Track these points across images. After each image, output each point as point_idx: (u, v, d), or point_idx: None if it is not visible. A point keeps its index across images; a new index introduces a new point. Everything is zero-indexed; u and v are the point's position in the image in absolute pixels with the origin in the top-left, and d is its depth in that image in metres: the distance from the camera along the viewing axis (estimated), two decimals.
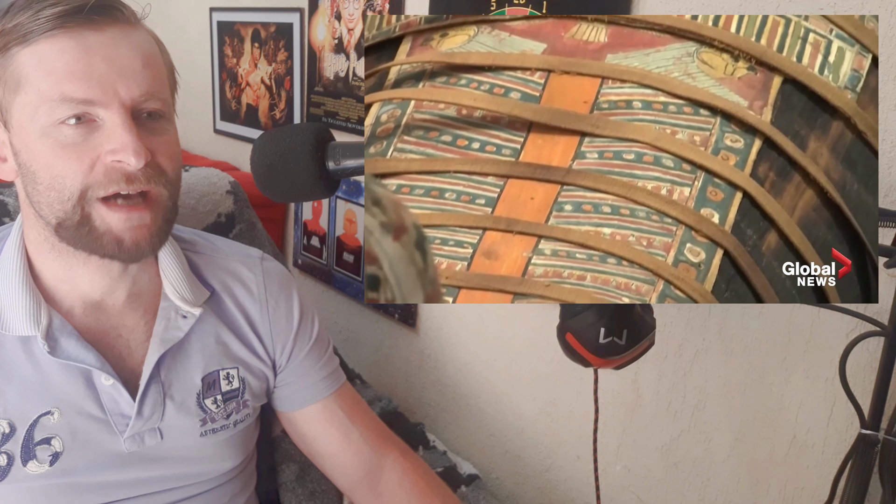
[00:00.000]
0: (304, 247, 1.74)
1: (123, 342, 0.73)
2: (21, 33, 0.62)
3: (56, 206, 0.64)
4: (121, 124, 0.63)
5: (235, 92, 1.93)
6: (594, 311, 0.61)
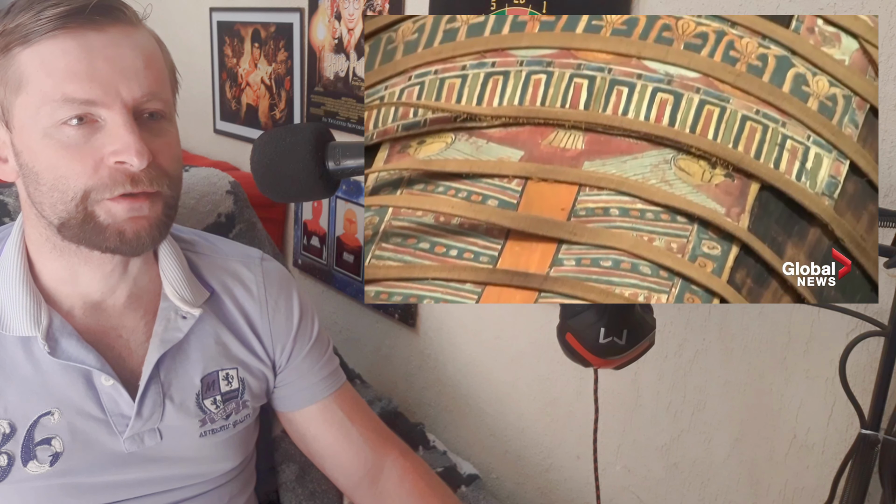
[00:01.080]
0: (304, 247, 1.74)
1: (123, 343, 0.74)
2: (23, 34, 0.62)
3: (59, 207, 0.64)
4: (123, 125, 0.63)
5: (235, 92, 1.93)
6: (594, 311, 0.61)
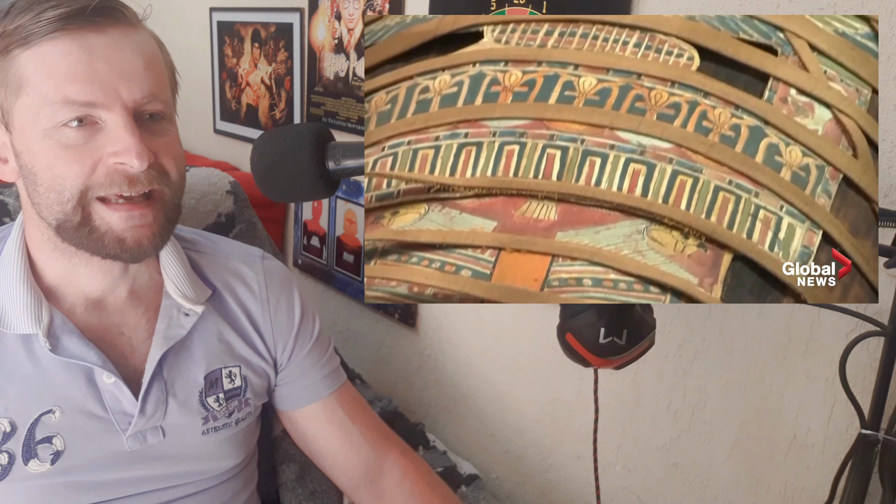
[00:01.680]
0: (304, 247, 1.74)
1: (125, 340, 0.74)
2: (22, 35, 0.62)
3: (56, 208, 0.64)
4: (123, 126, 0.63)
5: (235, 92, 1.93)
6: (594, 311, 0.61)
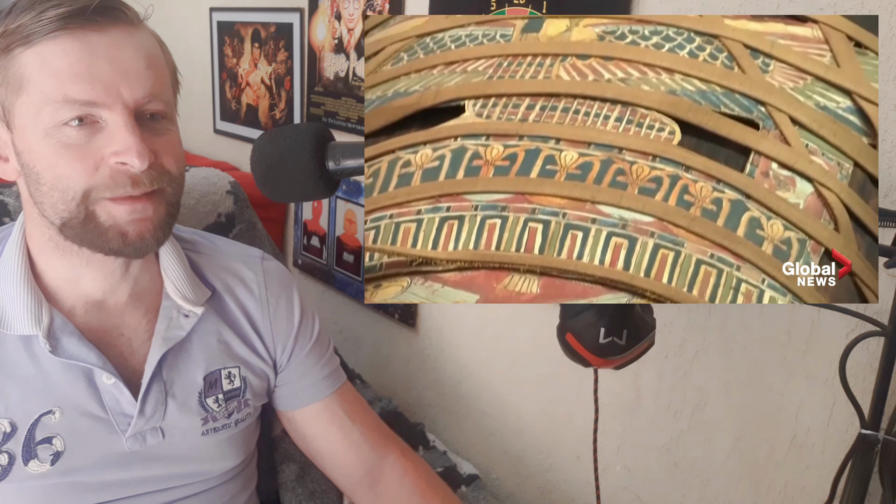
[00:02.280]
0: (304, 247, 1.74)
1: (125, 341, 0.74)
2: (24, 34, 0.62)
3: (60, 207, 0.64)
4: (124, 126, 0.63)
5: (235, 92, 1.93)
6: (594, 311, 0.61)
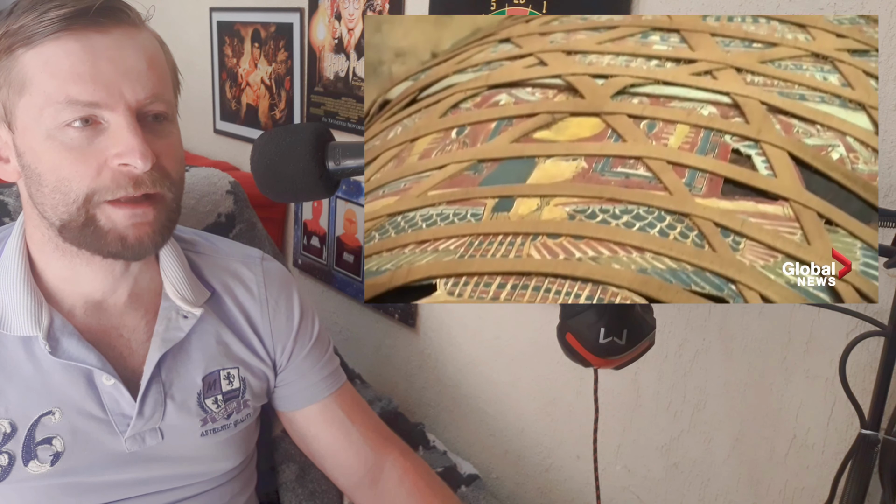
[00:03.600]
0: (304, 247, 1.74)
1: (124, 342, 0.74)
2: (26, 35, 0.62)
3: (61, 209, 0.64)
4: (126, 127, 0.63)
5: (235, 92, 1.93)
6: (594, 311, 0.61)
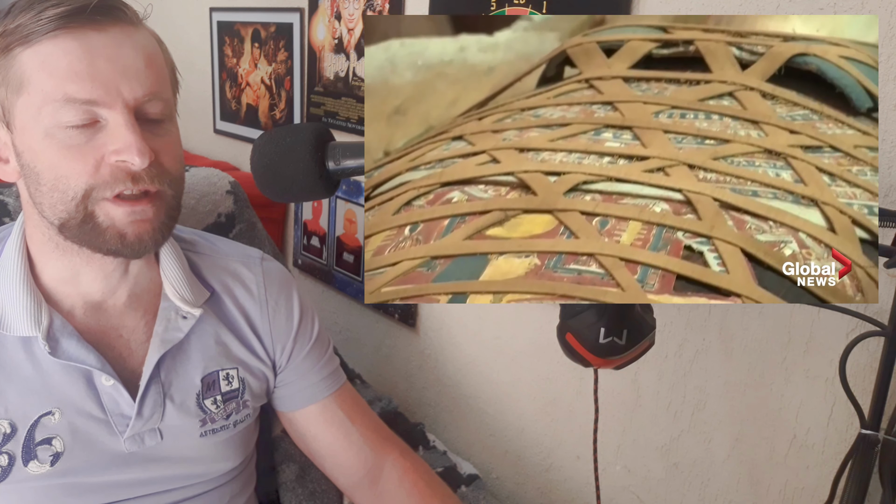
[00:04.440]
0: (304, 247, 1.74)
1: (124, 343, 0.74)
2: (23, 34, 0.62)
3: (59, 207, 0.64)
4: (124, 124, 0.63)
5: (235, 92, 1.93)
6: (594, 311, 0.61)
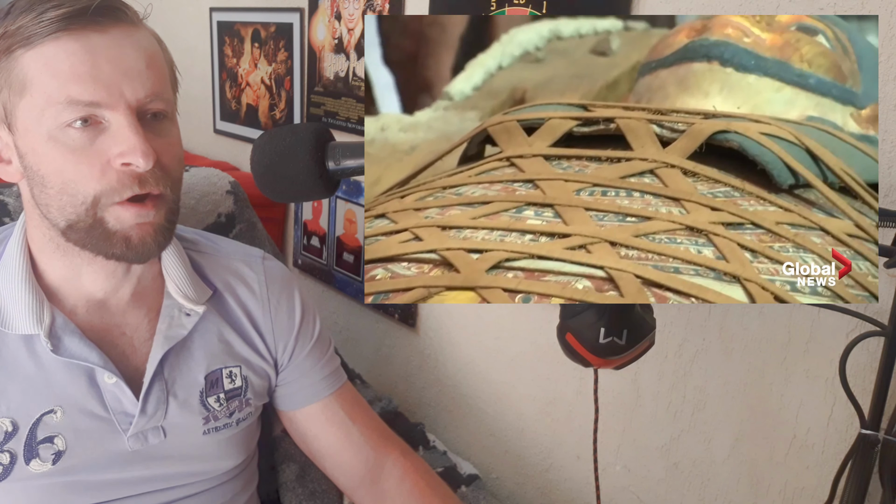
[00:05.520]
0: (304, 247, 1.74)
1: (127, 340, 0.74)
2: (25, 35, 0.62)
3: (68, 210, 0.65)
4: (127, 126, 0.63)
5: (235, 92, 1.93)
6: (594, 311, 0.61)
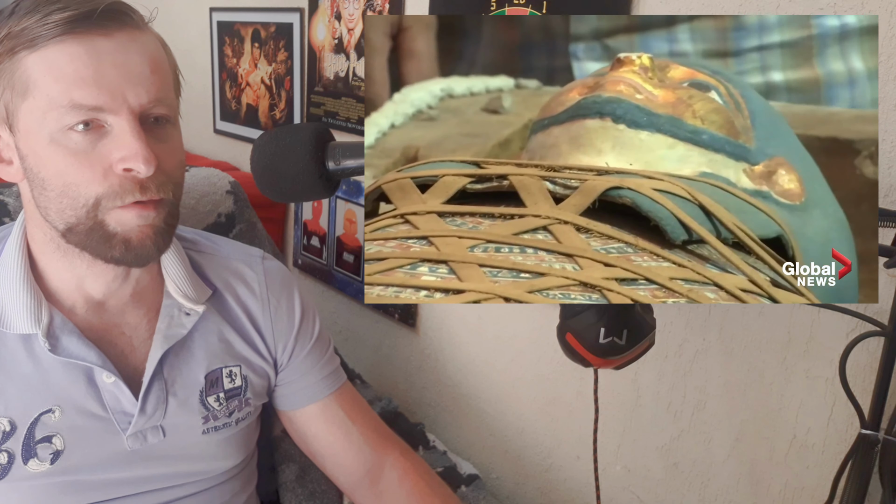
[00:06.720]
0: (304, 247, 1.74)
1: (126, 340, 0.74)
2: (29, 37, 0.62)
3: (68, 213, 0.64)
4: (130, 131, 0.63)
5: (235, 92, 1.93)
6: (594, 311, 0.61)
